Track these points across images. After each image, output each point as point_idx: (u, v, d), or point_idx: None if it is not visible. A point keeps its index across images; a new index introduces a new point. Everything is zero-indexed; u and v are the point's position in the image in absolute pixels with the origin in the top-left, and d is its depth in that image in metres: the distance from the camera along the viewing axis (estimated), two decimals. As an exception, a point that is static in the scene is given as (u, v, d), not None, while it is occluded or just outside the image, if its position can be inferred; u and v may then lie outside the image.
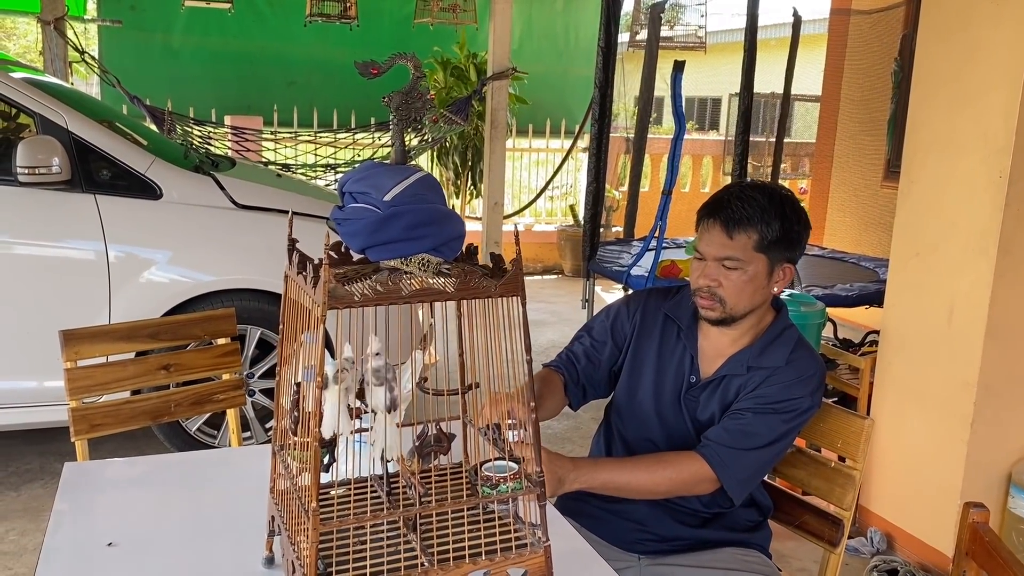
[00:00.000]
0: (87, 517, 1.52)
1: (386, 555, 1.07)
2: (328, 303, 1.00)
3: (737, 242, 1.61)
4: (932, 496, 2.83)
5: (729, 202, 1.63)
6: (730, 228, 1.61)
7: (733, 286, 1.62)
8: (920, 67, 2.89)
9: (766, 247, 1.62)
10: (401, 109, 1.10)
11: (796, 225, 1.64)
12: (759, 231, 1.61)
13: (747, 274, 1.62)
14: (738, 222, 1.61)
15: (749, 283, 1.62)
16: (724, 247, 1.62)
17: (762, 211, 1.61)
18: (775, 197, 1.64)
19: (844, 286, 4.32)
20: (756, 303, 1.66)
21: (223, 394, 2.26)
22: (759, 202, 1.61)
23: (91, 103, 4.17)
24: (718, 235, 1.63)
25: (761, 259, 1.62)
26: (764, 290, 1.65)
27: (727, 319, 1.66)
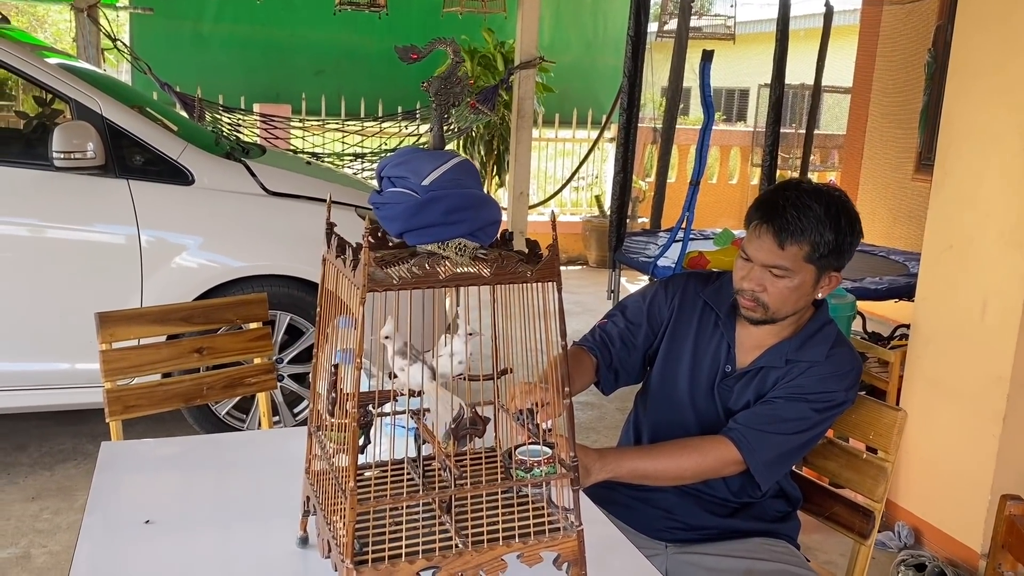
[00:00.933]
0: (124, 495, 1.55)
1: (421, 536, 1.08)
2: (368, 286, 1.01)
3: (788, 252, 1.57)
4: (961, 491, 2.80)
5: (784, 209, 1.57)
6: (782, 238, 1.56)
7: (779, 293, 1.60)
8: (957, 58, 2.85)
9: (816, 258, 1.58)
10: (440, 94, 1.11)
11: (849, 236, 1.60)
12: (811, 243, 1.56)
13: (794, 283, 1.59)
14: (791, 233, 1.56)
15: (795, 291, 1.60)
16: (773, 255, 1.58)
17: (817, 222, 1.55)
18: (832, 207, 1.58)
19: (874, 279, 4.29)
20: (799, 308, 1.65)
21: (255, 378, 2.29)
22: (815, 212, 1.56)
23: (124, 89, 4.22)
24: (768, 243, 1.58)
25: (810, 269, 1.59)
26: (809, 296, 1.64)
27: (768, 321, 1.65)
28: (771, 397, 1.64)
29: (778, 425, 1.61)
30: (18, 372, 3.17)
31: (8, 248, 3.12)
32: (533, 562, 1.12)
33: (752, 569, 1.61)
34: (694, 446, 1.63)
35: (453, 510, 1.14)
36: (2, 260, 3.11)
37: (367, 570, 1.04)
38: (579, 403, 4.25)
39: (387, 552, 1.06)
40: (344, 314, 1.19)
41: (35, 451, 3.42)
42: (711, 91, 4.13)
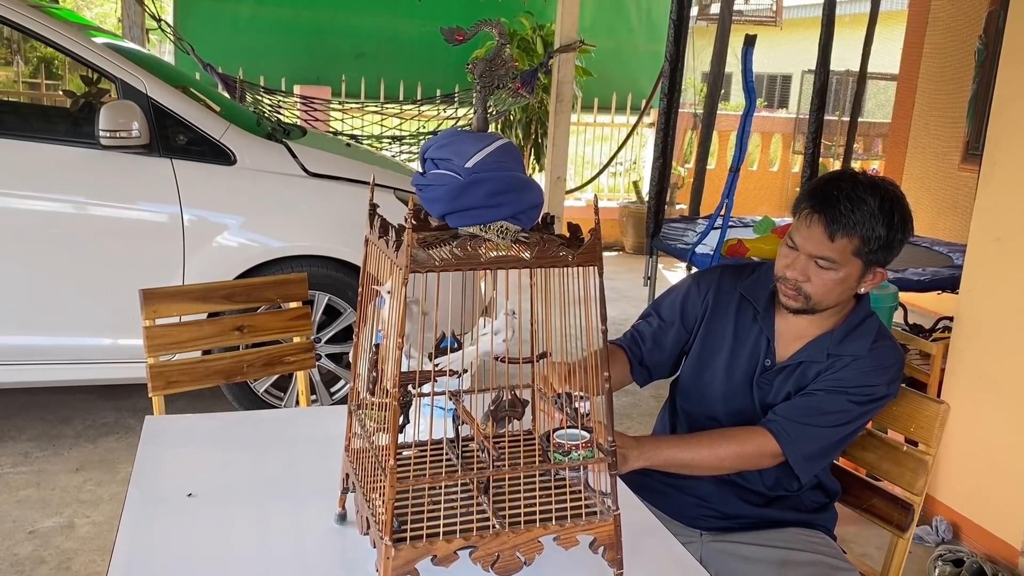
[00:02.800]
0: (166, 469, 1.58)
1: (459, 516, 1.09)
2: (410, 267, 1.01)
3: (837, 245, 1.54)
4: (1003, 487, 2.76)
5: (838, 200, 1.53)
6: (833, 230, 1.53)
7: (823, 285, 1.57)
8: (1010, 45, 2.78)
9: (865, 253, 1.55)
10: (484, 76, 1.11)
11: (901, 233, 1.56)
12: (862, 237, 1.53)
13: (839, 275, 1.56)
14: (843, 226, 1.52)
15: (839, 284, 1.57)
16: (822, 246, 1.55)
17: (870, 217, 1.52)
18: (886, 202, 1.54)
19: (916, 270, 4.21)
20: (841, 300, 1.62)
21: (294, 356, 2.31)
22: (869, 207, 1.52)
23: (168, 69, 4.27)
24: (818, 233, 1.55)
25: (857, 264, 1.56)
26: (852, 290, 1.61)
27: (808, 311, 1.63)
28: (811, 390, 1.62)
29: (818, 418, 1.59)
30: (63, 346, 3.24)
31: (55, 224, 3.19)
32: (570, 545, 1.12)
33: (788, 560, 1.60)
34: (732, 436, 1.62)
35: (491, 491, 1.14)
36: (49, 236, 3.17)
37: (405, 547, 1.05)
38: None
39: (425, 531, 1.07)
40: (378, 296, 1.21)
41: (79, 424, 3.50)
42: (753, 76, 4.07)
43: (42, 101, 7.29)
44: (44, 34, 3.15)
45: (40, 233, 3.16)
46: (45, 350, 3.23)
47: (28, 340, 3.23)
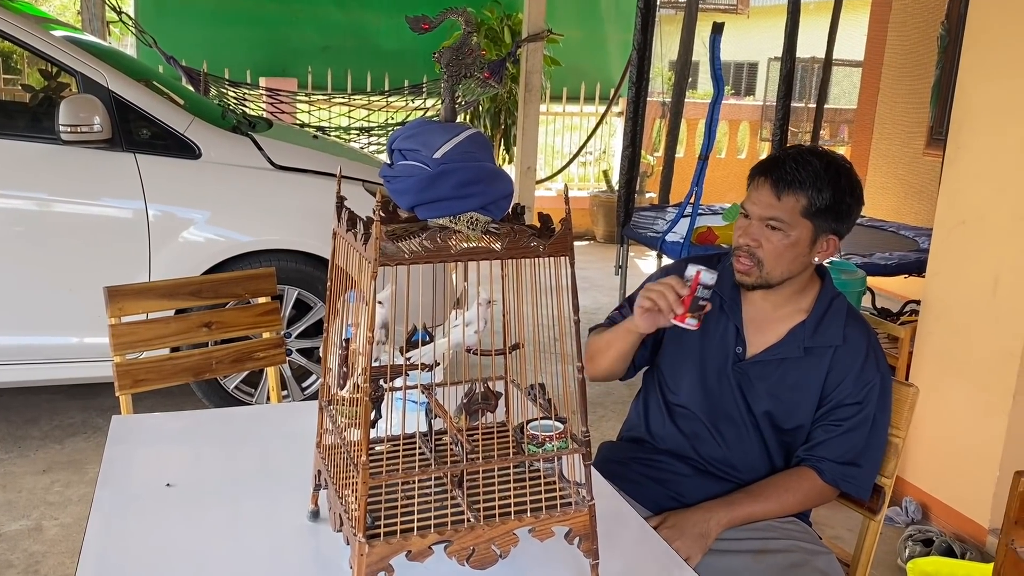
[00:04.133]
0: (134, 468, 1.55)
1: (433, 510, 1.08)
2: (379, 260, 1.00)
3: (784, 204, 1.58)
4: (970, 467, 2.80)
5: (783, 162, 1.59)
6: (779, 189, 1.58)
7: (773, 249, 1.59)
8: (972, 30, 2.81)
9: (813, 214, 1.58)
10: (452, 65, 1.09)
11: (848, 197, 1.59)
12: (808, 196, 1.57)
13: (789, 239, 1.58)
14: (789, 184, 1.57)
15: (790, 248, 1.59)
16: (770, 207, 1.59)
17: (815, 176, 1.56)
18: (832, 165, 1.59)
19: (883, 255, 4.26)
20: (794, 270, 1.63)
21: (264, 352, 2.29)
22: (814, 167, 1.57)
23: (130, 62, 4.19)
24: (766, 194, 1.59)
25: (806, 226, 1.59)
26: (804, 258, 1.62)
27: (762, 284, 1.63)
28: (829, 423, 1.64)
29: (853, 444, 1.63)
30: (28, 346, 3.18)
31: (17, 222, 3.12)
32: (545, 536, 1.12)
33: (764, 548, 1.61)
34: (793, 488, 1.64)
35: (465, 484, 1.13)
36: (12, 234, 3.11)
37: (379, 544, 1.04)
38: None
39: (399, 526, 1.06)
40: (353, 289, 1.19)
41: (45, 424, 3.44)
42: (721, 64, 4.09)
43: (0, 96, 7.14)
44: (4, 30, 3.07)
45: (1, 231, 3.10)
46: (9, 350, 3.16)
47: (-9, 340, 3.16)
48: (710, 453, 1.71)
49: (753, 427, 1.68)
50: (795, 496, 1.64)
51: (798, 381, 1.65)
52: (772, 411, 1.66)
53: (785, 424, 1.67)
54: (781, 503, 1.63)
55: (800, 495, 1.64)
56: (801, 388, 1.65)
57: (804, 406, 1.65)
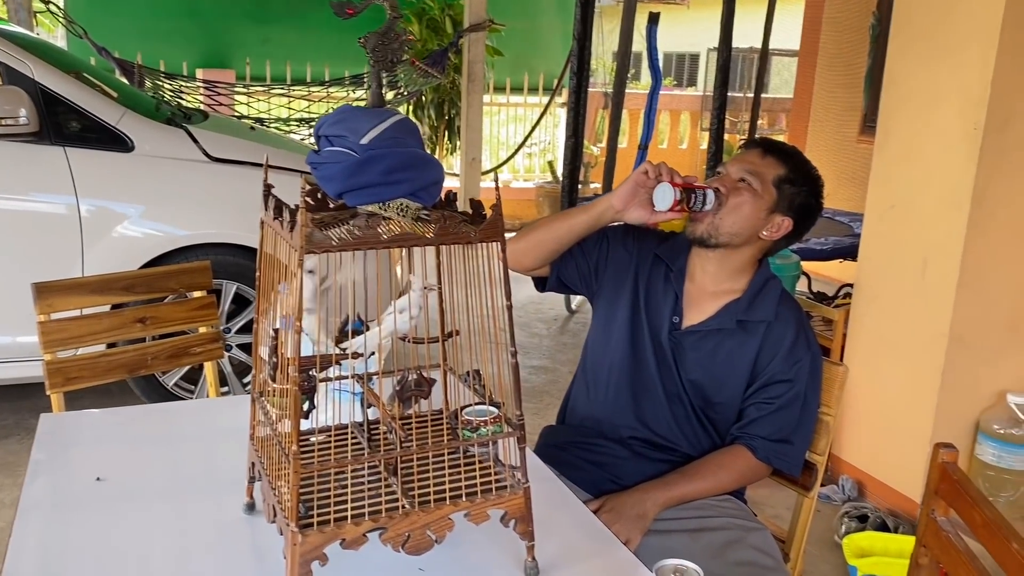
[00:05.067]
0: (64, 464, 1.52)
1: (367, 498, 1.08)
2: (305, 248, 0.99)
3: (767, 163, 1.68)
4: (902, 444, 2.89)
5: (778, 141, 1.77)
6: (768, 151, 1.70)
7: (737, 204, 1.65)
8: (898, 19, 2.88)
9: (782, 185, 1.67)
10: (377, 50, 1.08)
11: (813, 198, 1.71)
12: (787, 169, 1.68)
13: (754, 195, 1.65)
14: (778, 151, 1.70)
15: (747, 205, 1.65)
16: (751, 163, 1.68)
17: (802, 163, 1.71)
18: (814, 169, 1.73)
19: (819, 240, 4.36)
20: (740, 233, 1.66)
21: (201, 347, 2.25)
22: (801, 157, 1.73)
23: (58, 54, 4.07)
24: (754, 154, 1.70)
25: (771, 194, 1.66)
26: (754, 225, 1.66)
27: (706, 236, 1.67)
28: (760, 401, 1.68)
29: (785, 423, 1.67)
30: (-45, 347, 3.08)
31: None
32: (480, 520, 1.12)
33: (702, 527, 1.64)
34: (727, 466, 1.68)
35: (399, 471, 1.13)
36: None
37: (312, 533, 1.04)
38: (532, 367, 4.27)
39: (332, 515, 1.05)
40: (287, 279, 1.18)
41: (-25, 427, 3.34)
42: (658, 54, 4.14)
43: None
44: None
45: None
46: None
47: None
48: (640, 426, 1.73)
49: (684, 397, 1.71)
50: (729, 474, 1.67)
51: (730, 354, 1.69)
52: (702, 382, 1.70)
53: (714, 397, 1.70)
54: (716, 481, 1.66)
55: (734, 473, 1.67)
56: (732, 362, 1.69)
57: (734, 380, 1.69)
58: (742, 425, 1.69)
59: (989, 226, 2.65)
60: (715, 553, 1.57)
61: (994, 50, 2.52)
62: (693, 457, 1.71)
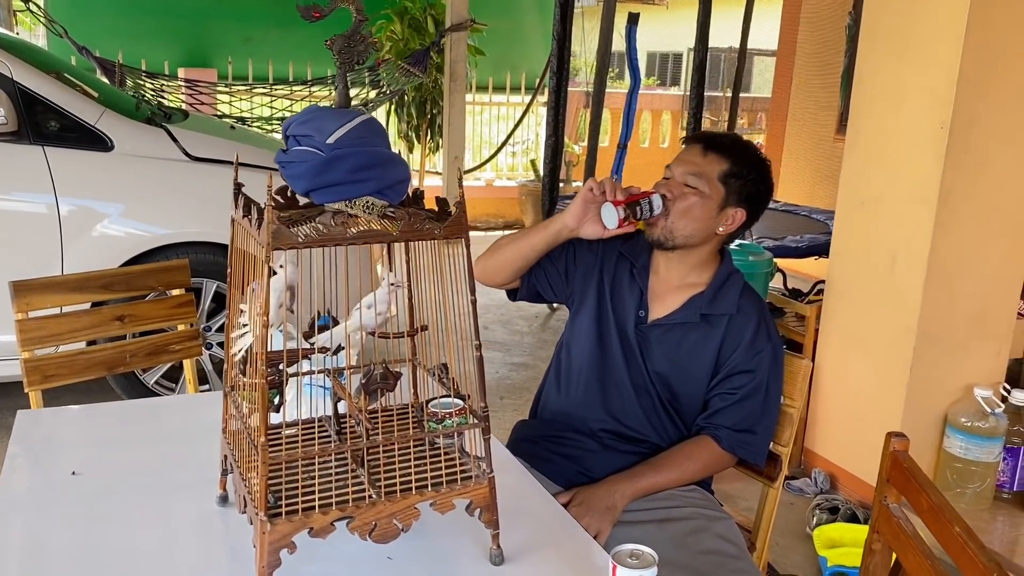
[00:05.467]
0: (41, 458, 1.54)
1: (335, 488, 1.11)
2: (272, 244, 1.02)
3: (708, 161, 1.70)
4: (872, 437, 2.92)
5: (717, 134, 1.78)
6: (707, 147, 1.72)
7: (683, 204, 1.69)
8: (868, 20, 2.94)
9: (729, 180, 1.70)
10: (344, 52, 1.12)
11: (762, 186, 1.74)
12: (730, 163, 1.70)
13: (701, 197, 1.69)
14: (717, 147, 1.72)
15: (698, 207, 1.69)
16: (693, 164, 1.71)
17: (743, 151, 1.73)
18: (757, 152, 1.76)
19: (795, 238, 4.42)
20: (697, 232, 1.71)
21: (179, 344, 2.27)
22: (743, 145, 1.75)
23: (38, 53, 4.07)
24: (694, 153, 1.73)
25: (719, 190, 1.70)
26: (710, 222, 1.71)
27: (663, 240, 1.71)
28: (723, 392, 1.72)
29: (748, 412, 1.71)
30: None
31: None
32: (446, 509, 1.16)
33: (668, 517, 1.68)
34: (692, 456, 1.72)
35: (366, 462, 1.17)
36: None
37: (281, 522, 1.07)
38: (513, 364, 4.31)
39: (301, 505, 1.09)
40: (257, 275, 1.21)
41: (-45, 427, 3.34)
42: (638, 54, 4.18)
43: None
44: None
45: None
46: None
47: None
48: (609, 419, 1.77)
49: (651, 389, 1.75)
50: (695, 464, 1.71)
51: (694, 347, 1.73)
52: (668, 374, 1.74)
53: (680, 388, 1.74)
54: (682, 472, 1.70)
55: (700, 463, 1.71)
56: (697, 354, 1.73)
57: (698, 372, 1.74)
58: (707, 416, 1.74)
59: (955, 223, 2.70)
60: (680, 542, 1.61)
61: (959, 50, 2.57)
62: (661, 448, 1.75)
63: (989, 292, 2.83)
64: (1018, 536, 2.68)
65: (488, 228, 7.85)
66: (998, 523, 2.76)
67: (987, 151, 2.68)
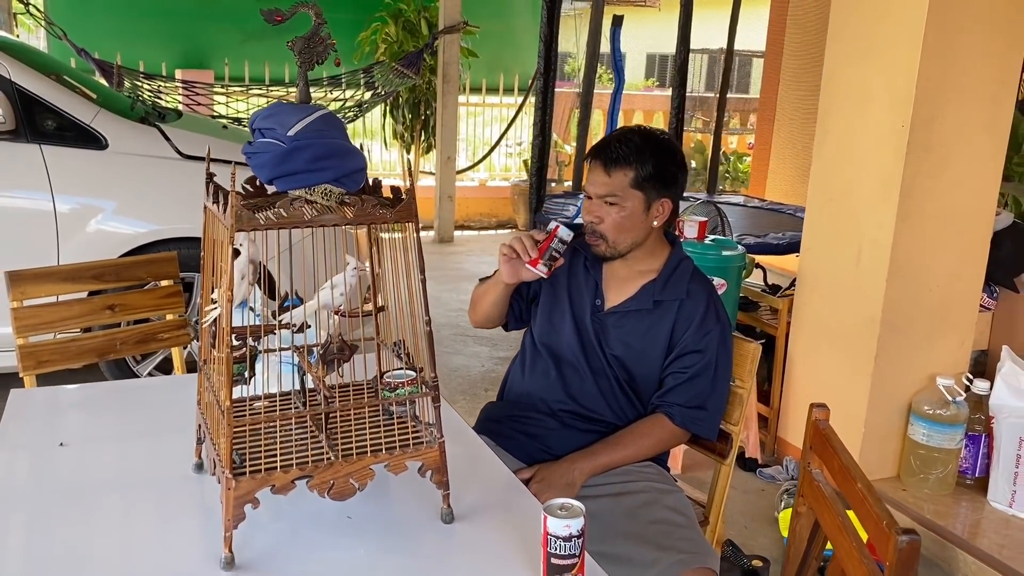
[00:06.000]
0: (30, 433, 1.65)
1: (295, 450, 1.22)
2: (236, 226, 1.13)
3: (614, 179, 1.78)
4: (840, 426, 2.98)
5: (609, 144, 1.80)
6: (608, 166, 1.78)
7: (612, 222, 1.79)
8: (834, 22, 3.04)
9: (641, 183, 1.78)
10: (304, 52, 1.22)
11: (671, 165, 1.80)
12: (634, 169, 1.77)
13: (625, 210, 1.78)
14: (615, 161, 1.77)
15: (627, 219, 1.79)
16: (603, 185, 1.79)
17: (637, 151, 1.77)
18: (651, 139, 1.80)
19: (776, 235, 4.51)
20: (637, 238, 1.81)
21: (168, 333, 2.37)
22: (635, 143, 1.78)
23: (37, 55, 4.18)
24: (599, 174, 1.79)
25: (637, 196, 1.78)
26: (643, 225, 1.81)
27: (612, 255, 1.83)
28: (675, 370, 1.83)
29: (699, 390, 1.81)
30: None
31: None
32: (399, 470, 1.26)
33: (623, 491, 1.78)
34: (647, 433, 1.83)
35: (326, 428, 1.27)
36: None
37: (245, 480, 1.17)
38: (498, 358, 4.41)
39: (263, 465, 1.19)
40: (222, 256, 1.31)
41: (-45, 416, 3.44)
42: (621, 55, 4.29)
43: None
44: None
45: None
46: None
47: None
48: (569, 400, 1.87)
49: (608, 371, 1.86)
50: (650, 440, 1.82)
51: (648, 330, 1.84)
52: (624, 357, 1.85)
53: (636, 370, 1.85)
54: (637, 448, 1.81)
55: (654, 439, 1.82)
56: (651, 338, 1.84)
57: (653, 354, 1.84)
58: (661, 394, 1.84)
59: (917, 218, 2.80)
60: (632, 513, 1.72)
61: (918, 51, 2.68)
62: (618, 426, 1.86)
63: (951, 285, 2.93)
64: (979, 519, 2.78)
65: (482, 227, 7.95)
66: (961, 507, 2.86)
67: (947, 148, 2.79)
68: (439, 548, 1.29)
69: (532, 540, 1.20)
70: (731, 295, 3.25)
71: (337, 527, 1.31)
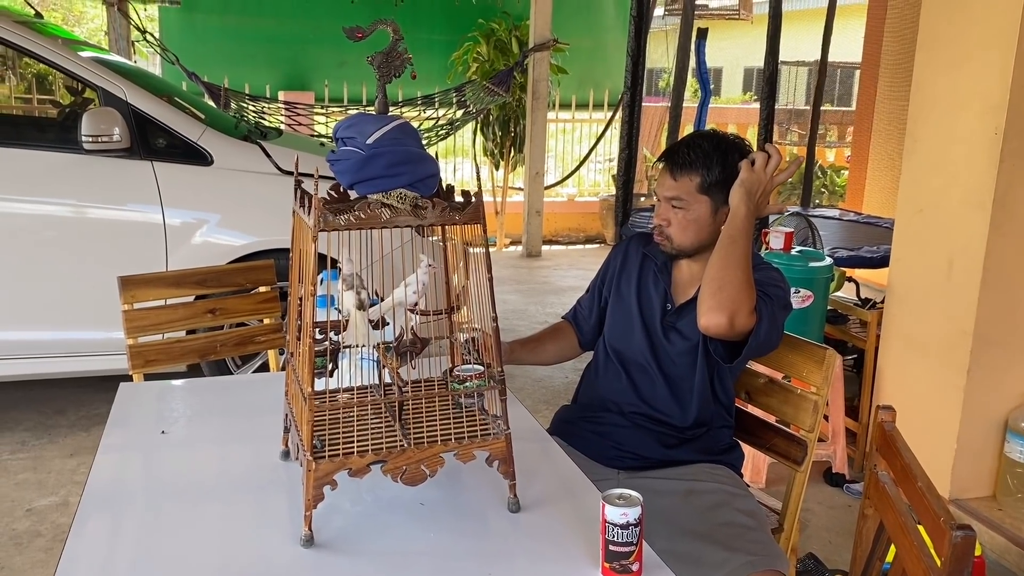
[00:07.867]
0: (136, 422, 1.79)
1: (371, 437, 1.30)
2: (319, 227, 1.22)
3: (681, 184, 1.81)
4: (931, 441, 2.96)
5: (678, 149, 1.83)
6: (675, 172, 1.82)
7: (678, 224, 1.83)
8: (924, 30, 2.99)
9: (707, 188, 1.80)
10: (382, 67, 1.31)
11: (734, 169, 1.79)
12: (701, 174, 1.80)
13: (691, 214, 1.81)
14: (682, 166, 1.81)
15: (693, 222, 1.82)
16: (670, 188, 1.83)
17: (705, 156, 1.80)
18: (720, 144, 1.81)
19: (871, 248, 4.41)
20: (703, 240, 1.83)
21: (264, 336, 2.52)
22: (703, 148, 1.80)
23: (151, 79, 4.48)
24: (666, 178, 1.84)
25: (704, 200, 1.81)
26: (709, 228, 1.83)
27: (678, 254, 1.87)
28: None
29: None
30: (58, 340, 3.45)
31: (49, 227, 3.41)
32: (467, 459, 1.33)
33: (692, 489, 1.80)
34: None
35: (400, 416, 1.35)
36: (44, 238, 3.39)
37: (324, 462, 1.26)
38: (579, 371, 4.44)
39: (342, 450, 1.28)
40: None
41: (73, 415, 3.71)
42: (707, 68, 4.30)
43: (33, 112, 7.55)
44: (28, 48, 3.36)
45: (34, 235, 3.38)
46: (41, 344, 3.43)
47: (24, 335, 3.44)
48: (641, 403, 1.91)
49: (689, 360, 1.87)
50: (739, 276, 1.71)
51: None
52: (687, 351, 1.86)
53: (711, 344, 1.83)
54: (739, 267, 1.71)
55: (735, 288, 1.70)
56: None
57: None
58: None
59: (1011, 227, 2.72)
60: (702, 513, 1.74)
61: (1012, 56, 2.61)
62: (684, 428, 1.88)
63: (1050, 297, 2.83)
64: (1082, 543, 2.66)
65: (570, 242, 8.01)
66: (1062, 530, 2.74)
67: (1043, 155, 2.70)
68: (504, 534, 1.34)
69: (594, 530, 1.25)
70: (818, 307, 3.20)
71: (411, 512, 1.38)
